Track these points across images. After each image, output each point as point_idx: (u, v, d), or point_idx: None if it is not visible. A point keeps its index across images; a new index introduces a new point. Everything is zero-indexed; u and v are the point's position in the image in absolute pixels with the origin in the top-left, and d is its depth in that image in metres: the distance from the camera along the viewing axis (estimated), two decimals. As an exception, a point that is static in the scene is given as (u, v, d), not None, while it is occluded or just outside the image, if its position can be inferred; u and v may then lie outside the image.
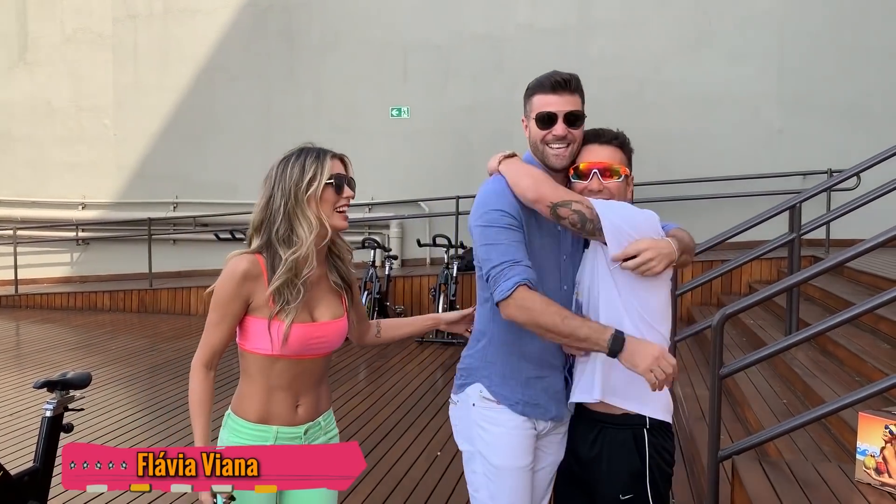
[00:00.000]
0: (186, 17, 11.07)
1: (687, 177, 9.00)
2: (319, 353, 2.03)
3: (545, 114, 2.07)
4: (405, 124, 10.28)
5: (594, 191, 2.07)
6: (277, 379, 1.99)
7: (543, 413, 2.13)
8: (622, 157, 2.15)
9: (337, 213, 1.98)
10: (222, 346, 1.99)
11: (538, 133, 2.09)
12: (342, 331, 2.08)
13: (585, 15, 9.60)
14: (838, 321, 3.03)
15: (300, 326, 1.95)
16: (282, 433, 2.01)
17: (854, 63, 8.67)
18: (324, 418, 2.13)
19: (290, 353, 1.96)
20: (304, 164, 1.96)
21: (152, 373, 6.85)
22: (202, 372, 1.99)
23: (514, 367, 2.13)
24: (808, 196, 5.30)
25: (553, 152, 2.08)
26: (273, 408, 2.00)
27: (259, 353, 1.97)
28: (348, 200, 2.01)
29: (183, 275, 11.05)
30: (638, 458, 2.05)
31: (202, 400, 1.98)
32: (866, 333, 4.69)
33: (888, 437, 2.64)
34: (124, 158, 11.40)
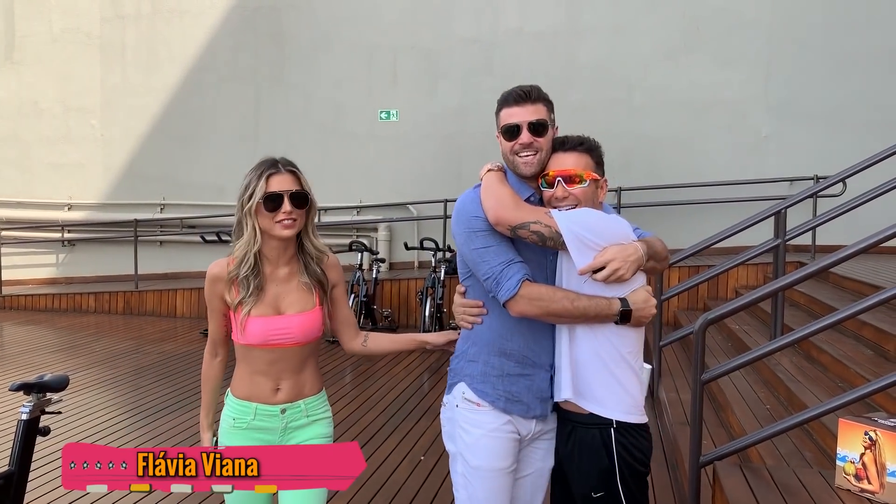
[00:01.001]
0: (175, 18, 11.02)
1: (674, 181, 9.03)
2: (288, 343, 2.25)
3: (510, 125, 2.16)
4: (394, 127, 10.26)
5: (560, 198, 2.12)
6: (257, 364, 2.27)
7: (526, 410, 2.17)
8: (588, 162, 2.17)
9: (277, 225, 2.20)
10: (217, 336, 2.35)
11: (507, 144, 2.18)
12: (309, 324, 2.27)
13: (574, 19, 9.62)
14: (820, 326, 3.04)
15: (260, 319, 2.21)
16: (261, 410, 2.28)
17: (841, 69, 8.73)
18: (306, 402, 2.32)
19: (254, 342, 2.22)
20: (249, 181, 2.22)
21: (136, 375, 6.80)
22: (206, 358, 2.41)
23: (495, 364, 2.19)
24: (794, 202, 5.32)
25: (522, 160, 2.16)
26: (255, 389, 2.28)
27: (237, 342, 2.28)
28: (288, 215, 2.19)
29: (169, 276, 10.99)
30: (606, 457, 2.09)
31: (206, 380, 2.42)
32: (850, 339, 4.71)
33: (868, 443, 2.64)
34: (111, 159, 11.33)
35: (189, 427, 5.21)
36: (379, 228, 10.19)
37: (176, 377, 6.68)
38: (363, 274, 8.41)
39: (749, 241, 5.99)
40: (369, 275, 8.71)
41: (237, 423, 2.28)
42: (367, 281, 8.45)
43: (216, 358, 2.38)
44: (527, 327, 2.16)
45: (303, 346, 2.28)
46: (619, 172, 9.10)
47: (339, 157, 10.11)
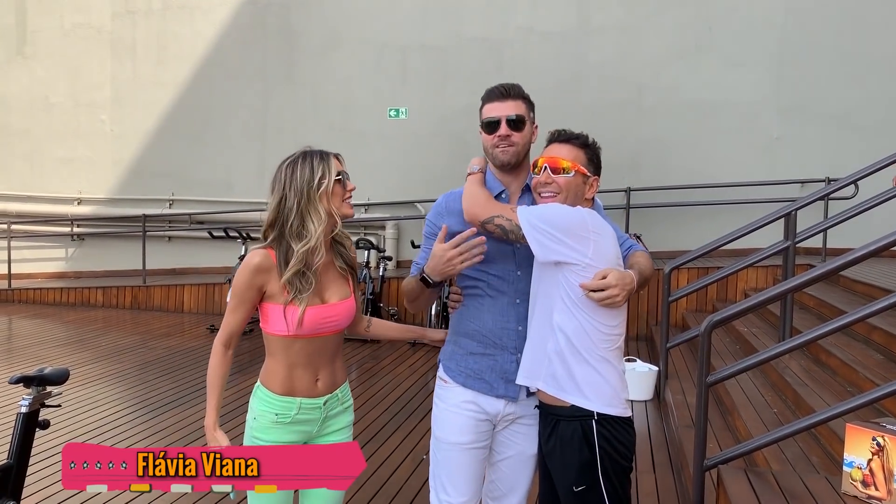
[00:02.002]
0: (185, 14, 11.03)
1: (684, 182, 8.96)
2: (331, 331, 2.28)
3: (490, 119, 2.30)
4: (403, 125, 10.23)
5: (543, 183, 2.20)
6: (297, 357, 2.24)
7: (489, 388, 2.30)
8: (579, 156, 2.23)
9: (345, 203, 2.26)
10: (239, 329, 2.28)
11: (487, 138, 2.32)
12: (351, 310, 2.32)
13: (585, 19, 9.56)
14: (828, 330, 2.99)
15: (312, 309, 2.20)
16: (304, 404, 2.27)
17: (852, 71, 8.64)
18: (341, 390, 2.37)
19: (304, 333, 2.20)
20: (312, 166, 2.21)
21: (142, 370, 6.80)
22: (221, 350, 2.27)
23: (461, 344, 2.37)
24: (804, 204, 5.25)
25: (499, 150, 2.29)
26: (295, 382, 2.25)
27: (279, 335, 2.22)
28: (351, 192, 2.28)
29: (177, 272, 11.00)
30: (587, 450, 2.10)
31: (218, 375, 2.26)
32: (859, 343, 4.64)
33: (875, 448, 2.59)
34: (121, 154, 11.35)
35: (192, 423, 5.20)
36: (387, 226, 10.17)
37: (181, 372, 6.68)
38: (370, 272, 8.39)
39: (759, 244, 5.93)
40: (376, 273, 8.69)
41: (280, 418, 2.25)
42: (374, 279, 8.44)
43: (229, 351, 2.29)
44: (488, 312, 2.31)
45: (338, 333, 2.33)
46: (629, 173, 9.05)
47: (348, 155, 9.79)
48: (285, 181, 2.21)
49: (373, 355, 7.38)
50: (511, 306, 2.29)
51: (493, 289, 2.31)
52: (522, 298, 2.28)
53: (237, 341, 2.31)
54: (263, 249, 2.23)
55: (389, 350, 7.58)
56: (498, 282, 2.30)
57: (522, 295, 2.28)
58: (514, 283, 2.29)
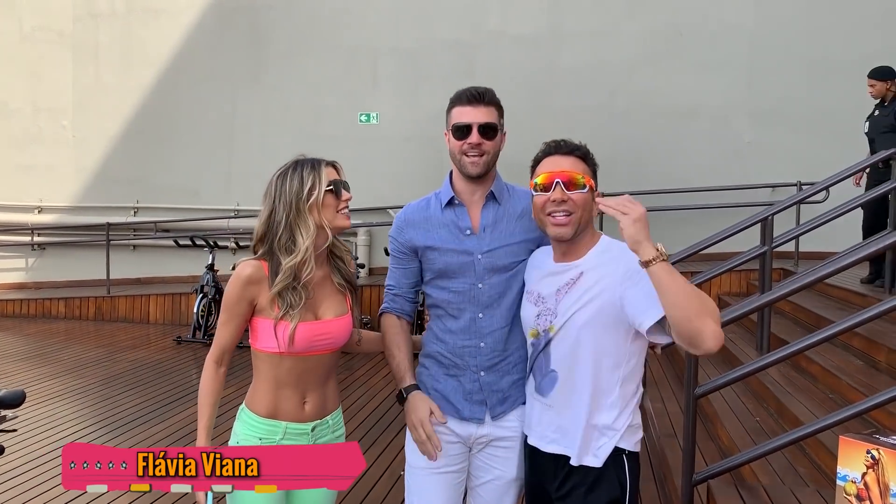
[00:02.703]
0: (150, 17, 10.78)
1: (657, 188, 8.95)
2: (325, 350, 2.15)
3: (461, 124, 2.16)
4: (374, 130, 10.10)
5: (557, 201, 1.97)
6: (285, 376, 2.11)
7: (455, 411, 2.19)
8: (586, 169, 2.05)
9: (340, 215, 2.14)
10: (231, 344, 2.15)
11: (455, 144, 2.18)
12: (346, 328, 2.19)
13: (557, 23, 9.53)
14: (818, 339, 2.93)
15: (304, 325, 2.07)
16: (290, 429, 2.13)
17: (822, 76, 8.71)
18: (332, 417, 2.23)
19: (296, 351, 2.08)
20: (302, 176, 2.09)
21: (106, 385, 6.56)
22: (212, 368, 2.15)
23: (425, 364, 2.29)
24: (781, 209, 5.23)
25: (469, 160, 2.16)
26: (281, 404, 2.12)
27: (268, 352, 2.10)
28: (348, 202, 2.16)
29: (142, 282, 10.73)
30: (619, 488, 1.98)
31: (209, 392, 2.14)
32: (839, 349, 4.62)
33: (870, 462, 2.52)
34: (83, 161, 11.05)
35: (162, 439, 5.01)
36: (358, 233, 10.02)
37: (147, 387, 6.46)
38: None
39: (731, 248, 5.90)
40: (348, 281, 8.53)
41: (264, 442, 2.12)
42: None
43: (221, 368, 2.16)
44: (450, 332, 2.21)
45: (332, 353, 2.19)
46: (602, 178, 8.85)
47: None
48: (275, 193, 2.11)
49: (346, 366, 7.22)
50: (473, 322, 2.18)
51: (454, 307, 2.20)
52: (485, 313, 2.17)
53: (230, 358, 2.18)
54: (256, 261, 2.12)
55: (363, 360, 7.42)
56: (459, 298, 2.19)
57: (485, 309, 2.17)
58: (476, 298, 2.17)
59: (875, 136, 6.15)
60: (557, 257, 2.09)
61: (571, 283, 2.00)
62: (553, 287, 2.04)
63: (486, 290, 2.16)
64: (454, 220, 2.21)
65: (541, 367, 2.06)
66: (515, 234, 2.19)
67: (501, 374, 2.17)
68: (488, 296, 2.16)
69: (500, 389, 2.17)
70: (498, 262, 2.16)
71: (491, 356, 2.17)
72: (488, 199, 2.21)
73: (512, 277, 2.17)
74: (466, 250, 2.17)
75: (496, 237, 2.18)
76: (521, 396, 2.18)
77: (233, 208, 10.40)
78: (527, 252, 2.20)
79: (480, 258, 2.16)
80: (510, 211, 2.21)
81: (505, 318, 2.17)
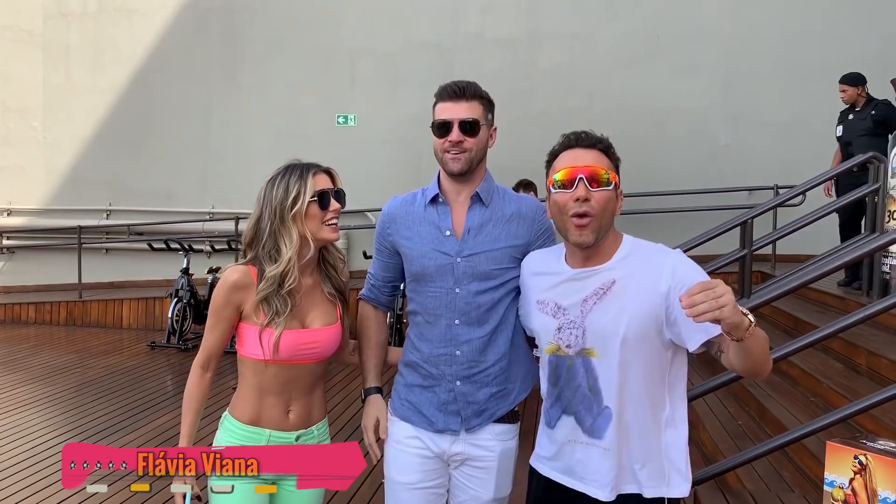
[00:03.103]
0: (122, 17, 10.61)
1: (635, 191, 8.97)
2: (311, 359, 2.10)
3: (441, 121, 2.08)
4: (352, 132, 10.02)
5: (582, 199, 1.75)
6: (269, 383, 2.08)
7: (428, 423, 2.11)
8: (609, 164, 1.84)
9: (326, 227, 2.06)
10: (217, 349, 2.12)
11: (438, 141, 2.10)
12: (334, 338, 2.14)
13: (535, 26, 9.53)
14: (803, 344, 2.91)
15: (290, 333, 2.04)
16: (274, 437, 2.09)
17: (798, 80, 8.80)
18: (317, 428, 2.18)
19: (281, 358, 2.04)
20: (287, 184, 2.04)
21: (77, 392, 6.41)
22: (197, 372, 2.12)
23: (402, 373, 2.21)
24: (760, 212, 5.29)
25: (450, 156, 2.07)
26: (264, 411, 2.09)
27: (252, 359, 2.07)
28: (336, 213, 2.08)
29: (115, 286, 10.54)
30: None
31: (193, 398, 2.11)
32: (818, 352, 4.63)
33: (857, 467, 2.50)
34: (54, 163, 10.84)
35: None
36: (336, 236, 9.93)
37: (120, 394, 6.32)
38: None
39: (708, 251, 5.91)
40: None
41: None
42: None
43: (207, 373, 2.13)
44: (426, 339, 2.12)
45: (319, 362, 2.14)
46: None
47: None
48: (264, 198, 2.06)
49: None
50: (449, 329, 2.08)
51: (430, 313, 2.11)
52: (461, 320, 2.06)
53: (217, 363, 2.14)
54: (244, 266, 2.08)
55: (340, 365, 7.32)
56: (435, 303, 2.09)
57: (461, 316, 2.06)
58: (453, 303, 2.06)
59: (852, 140, 6.23)
60: (577, 262, 1.86)
61: (602, 293, 1.78)
62: (576, 296, 1.82)
63: (464, 296, 2.06)
64: (435, 220, 2.11)
65: (586, 402, 1.81)
66: (500, 240, 2.08)
67: (479, 386, 2.08)
68: (466, 302, 2.06)
69: (475, 401, 2.07)
70: (478, 268, 2.06)
71: (467, 365, 2.07)
72: (474, 201, 2.11)
73: (496, 286, 2.06)
74: (445, 252, 2.08)
75: (479, 241, 2.07)
76: (499, 410, 2.09)
77: (208, 211, 10.26)
78: (510, 259, 2.07)
79: (459, 262, 2.06)
80: (497, 214, 2.10)
81: (484, 328, 2.06)
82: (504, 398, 2.10)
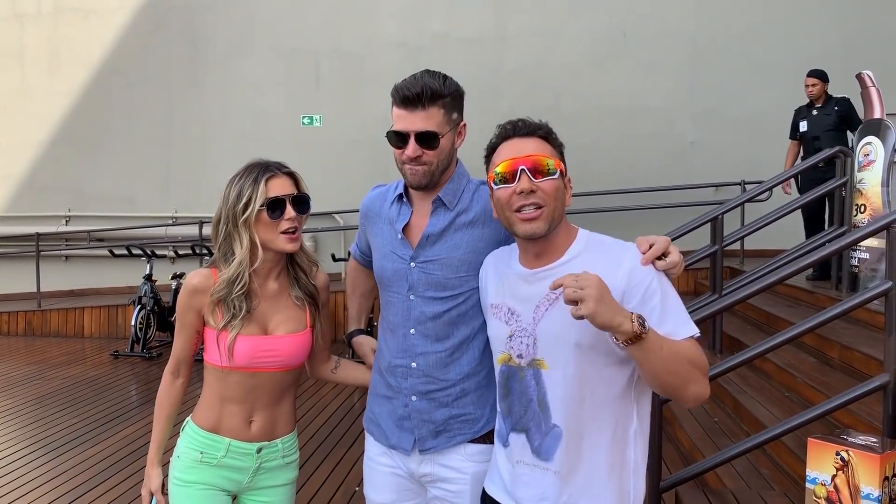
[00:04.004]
0: (79, 18, 10.33)
1: (603, 188, 8.99)
2: (272, 368, 1.99)
3: (395, 132, 1.86)
4: (317, 133, 9.89)
5: (526, 191, 1.61)
6: (231, 391, 2.00)
7: (384, 438, 1.98)
8: (552, 151, 1.68)
9: (281, 237, 1.94)
10: (184, 355, 2.07)
11: (395, 151, 1.88)
12: (298, 346, 2.02)
13: (502, 25, 9.50)
14: (779, 341, 2.90)
15: (247, 339, 1.95)
16: (234, 446, 2.02)
17: (763, 78, 8.89)
18: (283, 441, 2.08)
19: (238, 365, 1.96)
20: (241, 187, 1.94)
21: (38, 404, 6.19)
22: (167, 378, 2.09)
23: (373, 382, 2.06)
24: (729, 208, 5.29)
25: (409, 170, 1.87)
26: (224, 419, 2.01)
27: (213, 364, 2.00)
28: (293, 222, 1.95)
29: (76, 294, 10.26)
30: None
31: (163, 405, 2.09)
32: (791, 346, 4.64)
33: (839, 464, 2.49)
34: (9, 169, 10.52)
35: (96, 464, 4.72)
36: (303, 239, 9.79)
37: (82, 405, 6.12)
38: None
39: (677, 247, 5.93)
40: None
41: (206, 457, 2.01)
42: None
43: (178, 380, 2.09)
44: (386, 348, 1.96)
45: (286, 372, 2.03)
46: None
47: (260, 165, 9.66)
48: (223, 198, 1.97)
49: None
50: (405, 339, 1.91)
51: (390, 320, 1.96)
52: (417, 330, 1.89)
53: (188, 370, 2.09)
54: (207, 269, 2.02)
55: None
56: (393, 309, 1.94)
57: (417, 325, 1.89)
58: (408, 311, 1.91)
59: (819, 135, 6.30)
60: (529, 261, 1.70)
61: (554, 298, 1.61)
62: (528, 301, 1.67)
63: (419, 304, 1.89)
64: (394, 219, 1.97)
65: (535, 419, 1.65)
66: (460, 247, 1.88)
67: (436, 405, 1.89)
68: (420, 311, 1.89)
69: (432, 420, 1.89)
70: (433, 276, 1.88)
71: (424, 380, 1.89)
72: (437, 205, 1.92)
73: (455, 296, 1.88)
74: (400, 256, 1.92)
75: (437, 248, 1.89)
76: (460, 436, 1.89)
77: (171, 216, 10.03)
78: (472, 268, 1.88)
79: (413, 267, 1.90)
80: (462, 218, 1.91)
81: (443, 343, 1.88)
82: (468, 424, 1.90)
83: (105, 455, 4.88)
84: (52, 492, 4.29)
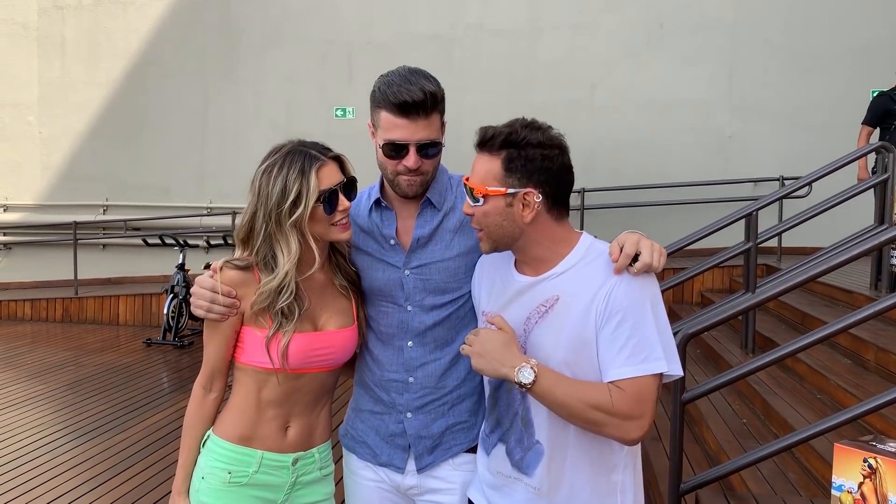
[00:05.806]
0: (118, 9, 10.48)
1: (637, 182, 8.84)
2: (323, 368, 1.80)
3: (393, 143, 1.72)
4: (350, 125, 9.90)
5: (468, 214, 1.63)
6: (269, 393, 1.78)
7: (372, 456, 1.87)
8: (492, 168, 1.56)
9: (334, 227, 1.73)
10: (220, 363, 1.79)
11: (387, 161, 1.76)
12: (350, 342, 1.83)
13: (535, 16, 9.38)
14: (812, 340, 2.79)
15: (301, 337, 1.73)
16: (267, 459, 1.79)
17: (803, 69, 8.64)
18: (319, 451, 1.89)
19: (290, 367, 1.74)
20: (286, 182, 1.67)
21: (71, 389, 6.32)
22: (198, 393, 1.82)
23: (356, 396, 1.95)
24: (764, 204, 5.13)
25: (405, 181, 1.76)
26: (259, 427, 1.79)
27: (255, 367, 1.76)
28: (346, 212, 1.74)
29: (112, 282, 10.44)
30: None
31: (192, 424, 1.82)
32: (825, 347, 4.50)
33: (867, 471, 2.38)
34: (50, 158, 10.73)
35: (123, 450, 4.79)
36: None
37: (114, 391, 6.23)
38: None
39: (711, 244, 5.78)
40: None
41: (235, 477, 1.77)
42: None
43: (210, 394, 1.81)
44: (376, 361, 1.87)
45: (330, 372, 1.84)
46: (582, 173, 8.81)
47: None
48: (259, 192, 1.70)
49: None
50: (401, 352, 1.82)
51: (381, 332, 1.86)
52: (415, 341, 1.81)
53: (223, 380, 1.81)
54: (246, 270, 1.79)
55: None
56: (386, 321, 1.83)
57: (415, 337, 1.81)
58: (405, 322, 1.81)
59: None
60: (522, 269, 1.65)
61: (544, 311, 1.56)
62: (521, 311, 1.61)
63: (417, 314, 1.80)
64: (378, 226, 1.84)
65: (518, 433, 1.62)
66: (453, 247, 1.80)
67: (433, 417, 1.81)
68: (419, 321, 1.80)
69: (429, 435, 1.81)
70: (431, 282, 1.79)
71: (421, 394, 1.81)
72: (425, 206, 1.82)
73: (453, 300, 1.80)
74: (392, 264, 1.81)
75: (430, 251, 1.80)
76: (456, 447, 1.82)
77: (205, 206, 10.14)
78: (467, 268, 1.80)
79: (409, 274, 1.80)
80: (451, 218, 1.82)
81: (443, 351, 1.81)
82: (465, 432, 1.83)
83: (132, 441, 4.95)
84: (79, 476, 4.37)
